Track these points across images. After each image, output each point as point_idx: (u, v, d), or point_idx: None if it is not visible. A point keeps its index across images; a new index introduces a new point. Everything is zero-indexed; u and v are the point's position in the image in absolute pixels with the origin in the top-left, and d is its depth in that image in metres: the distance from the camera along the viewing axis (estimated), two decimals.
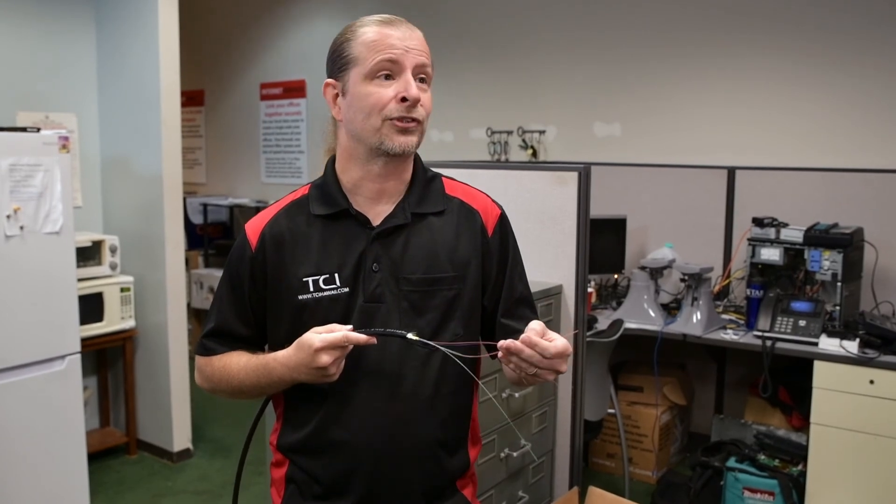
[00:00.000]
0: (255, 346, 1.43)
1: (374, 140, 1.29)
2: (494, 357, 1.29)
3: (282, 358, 1.29)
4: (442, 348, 1.25)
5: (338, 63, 1.32)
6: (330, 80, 1.35)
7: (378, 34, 1.28)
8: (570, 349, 1.21)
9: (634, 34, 4.26)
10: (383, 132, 1.28)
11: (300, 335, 1.32)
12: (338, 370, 1.25)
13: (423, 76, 1.31)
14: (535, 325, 1.21)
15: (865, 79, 3.61)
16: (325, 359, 1.21)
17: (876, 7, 3.57)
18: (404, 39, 1.28)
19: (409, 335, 1.23)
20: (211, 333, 1.42)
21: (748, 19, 3.90)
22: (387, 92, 1.27)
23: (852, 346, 2.94)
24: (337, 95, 1.34)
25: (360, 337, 1.22)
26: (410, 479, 1.36)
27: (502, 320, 1.43)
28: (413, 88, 1.27)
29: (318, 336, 1.22)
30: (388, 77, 1.28)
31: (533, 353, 1.17)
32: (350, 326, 1.24)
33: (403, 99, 1.27)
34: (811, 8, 3.72)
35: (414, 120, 1.29)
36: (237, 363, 1.38)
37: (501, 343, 1.18)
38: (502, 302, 1.43)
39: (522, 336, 1.18)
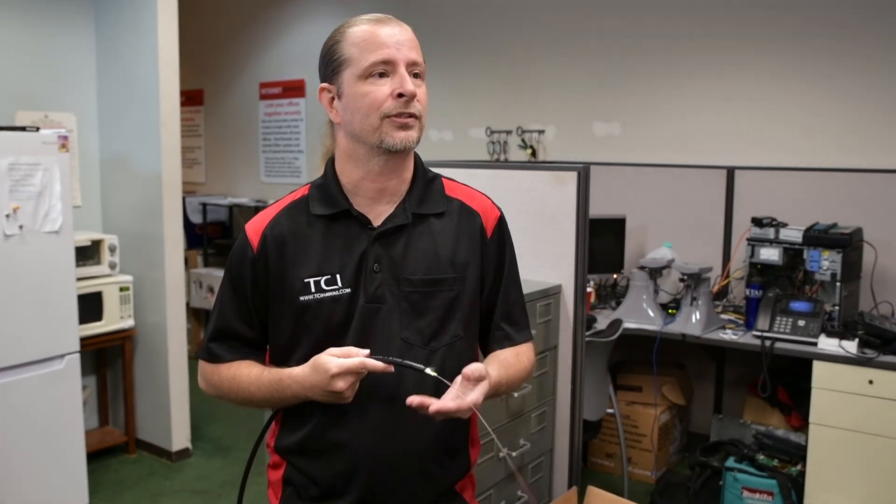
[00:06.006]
0: (258, 347, 1.42)
1: (374, 139, 1.29)
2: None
3: (297, 377, 1.29)
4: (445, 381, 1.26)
5: (330, 66, 1.32)
6: (324, 85, 1.34)
7: (368, 34, 1.28)
8: (479, 405, 1.23)
9: (634, 34, 4.26)
10: (383, 130, 1.28)
11: (302, 336, 1.32)
12: (352, 394, 1.25)
13: (416, 72, 1.30)
14: (476, 367, 1.23)
15: (865, 78, 3.61)
16: (340, 384, 1.22)
17: (876, 6, 3.57)
18: (394, 37, 1.28)
19: (428, 370, 1.24)
20: (215, 337, 1.41)
21: (748, 19, 3.89)
22: (383, 90, 1.27)
23: (851, 346, 2.94)
24: (333, 99, 1.33)
25: (378, 364, 1.23)
26: (410, 481, 1.36)
27: (499, 322, 1.44)
28: (408, 84, 1.27)
29: (335, 361, 1.22)
30: (382, 75, 1.27)
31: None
32: (367, 352, 1.24)
33: (400, 95, 1.27)
34: (811, 8, 3.72)
35: (412, 115, 1.29)
36: (248, 375, 1.37)
37: (409, 400, 1.21)
38: (498, 305, 1.44)
39: (433, 409, 1.20)
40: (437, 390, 1.27)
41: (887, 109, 3.56)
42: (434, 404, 1.20)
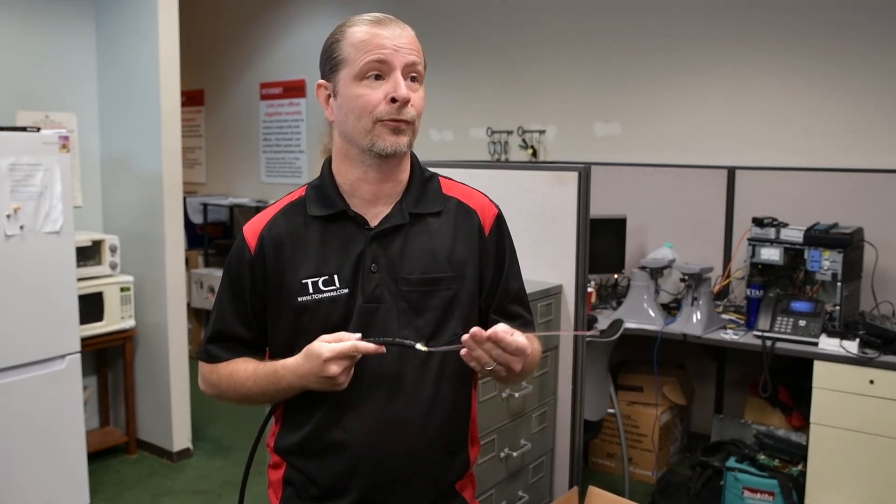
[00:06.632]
0: (257, 348, 1.42)
1: (365, 141, 1.29)
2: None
3: (291, 366, 1.29)
4: (445, 348, 1.26)
5: (328, 64, 1.32)
6: (322, 82, 1.34)
7: (367, 34, 1.27)
8: (528, 351, 1.23)
9: (634, 34, 4.25)
10: (374, 133, 1.28)
11: (300, 337, 1.32)
12: (347, 379, 1.25)
13: (414, 75, 1.29)
14: (502, 326, 1.23)
15: (865, 78, 3.61)
16: (333, 369, 1.22)
17: (876, 6, 3.56)
18: (394, 38, 1.27)
19: (418, 345, 1.23)
20: (213, 338, 1.41)
21: (748, 19, 3.89)
22: (376, 93, 1.26)
23: (852, 346, 2.94)
24: (329, 97, 1.33)
25: (369, 346, 1.23)
26: (410, 481, 1.35)
27: (493, 316, 1.43)
28: (402, 89, 1.26)
29: (327, 346, 1.22)
30: (377, 77, 1.27)
31: (493, 346, 1.20)
32: (359, 335, 1.24)
33: (393, 100, 1.26)
34: (811, 8, 3.72)
35: (404, 120, 1.28)
36: (244, 371, 1.37)
37: (467, 336, 1.19)
38: (497, 301, 1.44)
39: (489, 331, 1.20)
40: (437, 380, 1.27)
41: (887, 109, 3.56)
42: (486, 332, 1.19)
